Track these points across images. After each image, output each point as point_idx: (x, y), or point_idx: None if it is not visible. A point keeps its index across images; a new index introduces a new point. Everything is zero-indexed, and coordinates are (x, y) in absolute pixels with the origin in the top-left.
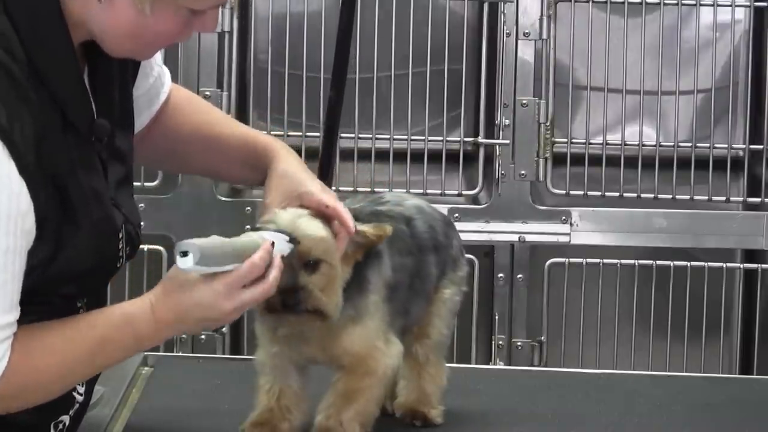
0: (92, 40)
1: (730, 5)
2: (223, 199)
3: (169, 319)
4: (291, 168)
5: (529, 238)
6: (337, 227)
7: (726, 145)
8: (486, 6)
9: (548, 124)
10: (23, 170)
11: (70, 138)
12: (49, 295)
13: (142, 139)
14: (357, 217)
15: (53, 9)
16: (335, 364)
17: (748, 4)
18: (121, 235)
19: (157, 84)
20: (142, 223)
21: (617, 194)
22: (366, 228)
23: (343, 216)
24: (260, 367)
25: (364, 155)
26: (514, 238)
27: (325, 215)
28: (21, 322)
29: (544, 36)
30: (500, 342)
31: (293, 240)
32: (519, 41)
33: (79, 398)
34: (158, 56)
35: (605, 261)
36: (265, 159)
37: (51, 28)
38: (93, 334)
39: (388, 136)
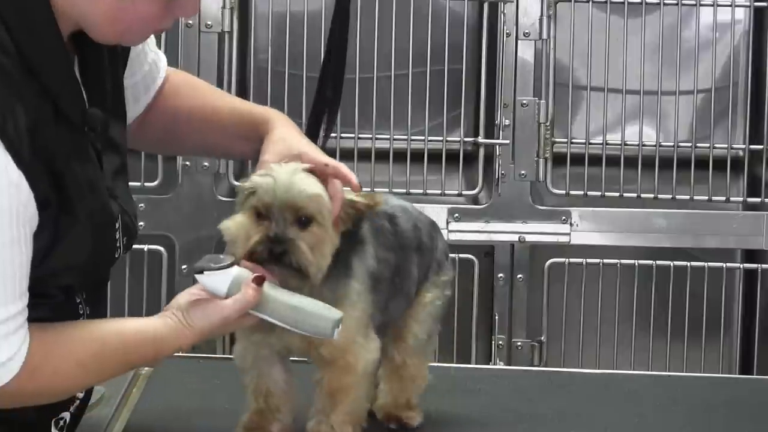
0: (80, 30)
1: (730, 5)
2: (223, 199)
3: (189, 342)
4: (288, 133)
5: (529, 238)
6: (332, 190)
7: (726, 145)
8: (486, 6)
9: (548, 124)
10: (20, 162)
11: (64, 129)
12: (48, 286)
13: (141, 124)
14: None
15: (41, 0)
16: (313, 354)
17: (748, 4)
18: (117, 226)
19: (152, 70)
20: (141, 224)
21: (617, 194)
22: (359, 197)
23: (344, 172)
24: (241, 361)
25: (364, 155)
26: (514, 238)
27: (323, 174)
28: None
29: (544, 36)
30: (500, 342)
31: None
32: (519, 41)
33: (80, 395)
34: (152, 43)
35: (605, 261)
36: (262, 129)
37: (39, 19)
38: (123, 358)
39: (388, 136)
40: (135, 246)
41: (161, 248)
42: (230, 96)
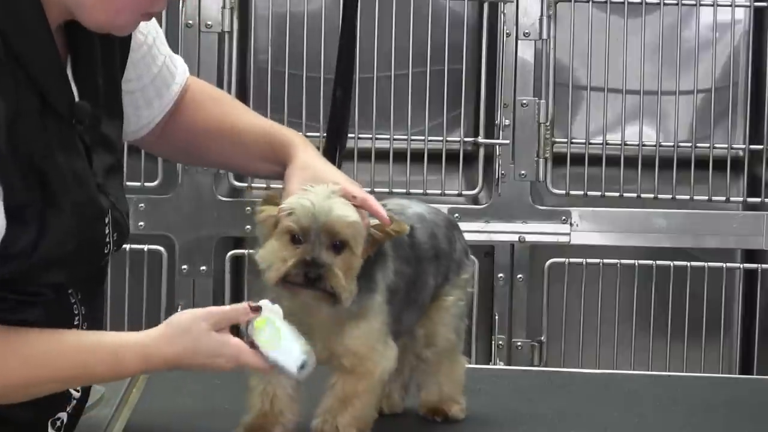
0: (72, 24)
1: (730, 5)
2: (223, 199)
3: (159, 364)
4: (312, 160)
5: (529, 238)
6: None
7: (726, 145)
8: (486, 6)
9: (548, 124)
10: None
11: (49, 121)
12: (38, 283)
13: (162, 133)
14: None
15: None
16: (334, 363)
17: (748, 4)
18: (107, 221)
19: (164, 74)
20: (141, 224)
21: (617, 194)
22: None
23: (375, 207)
24: None
25: (364, 155)
26: (514, 238)
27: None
28: (15, 314)
29: (544, 36)
30: (500, 342)
31: None
32: (519, 41)
33: (76, 394)
34: (163, 46)
35: (605, 261)
36: (284, 153)
37: (25, 9)
38: (76, 357)
39: (388, 136)
40: (135, 246)
41: (161, 248)
42: (251, 113)
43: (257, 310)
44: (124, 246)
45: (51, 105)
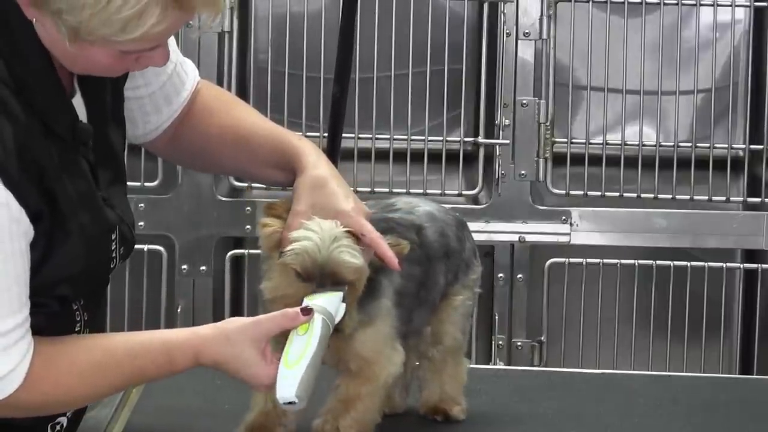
0: None
1: (730, 5)
2: (223, 199)
3: (207, 363)
4: (322, 175)
5: (529, 238)
6: (364, 256)
7: (726, 145)
8: (486, 6)
9: (548, 124)
10: (9, 183)
11: (54, 144)
12: (44, 296)
13: (173, 139)
14: None
15: (26, 21)
16: (341, 367)
17: (748, 4)
18: (114, 236)
19: (174, 81)
20: (141, 224)
21: (617, 194)
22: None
23: (383, 248)
24: None
25: (364, 155)
26: (514, 238)
27: (359, 242)
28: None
29: (544, 36)
30: (500, 342)
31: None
32: (519, 41)
33: None
34: (173, 53)
35: (605, 261)
36: (294, 161)
37: (26, 40)
38: (132, 364)
39: (388, 136)
40: (135, 246)
41: (161, 248)
42: (261, 117)
43: (308, 312)
44: None
45: (52, 128)
